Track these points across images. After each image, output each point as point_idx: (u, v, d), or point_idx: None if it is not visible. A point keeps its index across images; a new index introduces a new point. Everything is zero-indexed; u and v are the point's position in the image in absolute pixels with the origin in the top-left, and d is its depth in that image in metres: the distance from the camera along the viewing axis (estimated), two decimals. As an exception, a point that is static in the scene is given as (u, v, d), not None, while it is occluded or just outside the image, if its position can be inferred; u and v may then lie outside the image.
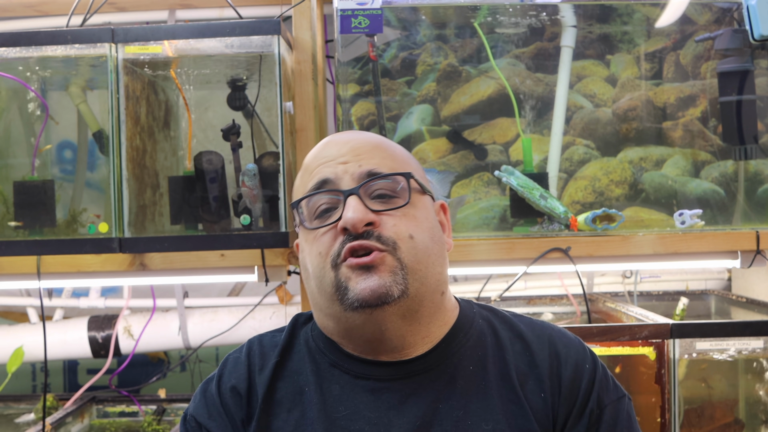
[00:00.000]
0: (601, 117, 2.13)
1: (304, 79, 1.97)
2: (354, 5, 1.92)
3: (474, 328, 1.13)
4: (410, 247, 1.03)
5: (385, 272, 1.01)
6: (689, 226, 1.95)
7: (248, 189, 1.86)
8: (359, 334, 1.06)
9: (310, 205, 1.08)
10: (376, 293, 1.00)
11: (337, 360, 1.10)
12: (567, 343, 1.13)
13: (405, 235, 1.04)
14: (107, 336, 2.40)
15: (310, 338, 1.15)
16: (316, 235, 1.06)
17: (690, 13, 2.11)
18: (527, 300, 2.43)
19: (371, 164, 1.07)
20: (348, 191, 1.05)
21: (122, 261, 1.92)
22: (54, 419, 2.14)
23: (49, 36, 1.85)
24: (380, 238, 1.02)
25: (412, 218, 1.06)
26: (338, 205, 1.06)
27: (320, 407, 1.07)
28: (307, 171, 1.12)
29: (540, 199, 1.92)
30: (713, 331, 1.80)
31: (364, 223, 1.02)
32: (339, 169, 1.07)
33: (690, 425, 1.86)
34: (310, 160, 1.14)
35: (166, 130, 2.12)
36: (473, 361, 1.09)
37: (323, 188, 1.07)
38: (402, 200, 1.06)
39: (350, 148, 1.09)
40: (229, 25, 1.83)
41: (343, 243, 1.03)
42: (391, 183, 1.07)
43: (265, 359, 1.14)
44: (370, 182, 1.06)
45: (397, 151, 1.13)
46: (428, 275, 1.05)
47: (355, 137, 1.13)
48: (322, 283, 1.05)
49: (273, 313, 2.40)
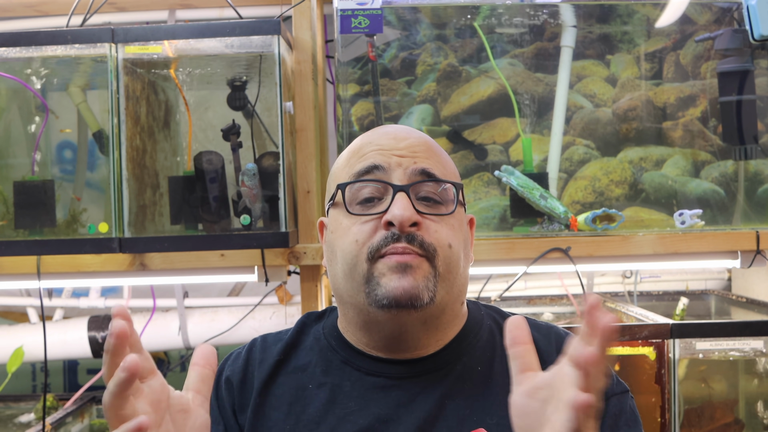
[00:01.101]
0: (601, 117, 2.13)
1: (304, 79, 1.97)
2: (354, 5, 1.92)
3: (483, 330, 1.14)
4: (447, 256, 1.04)
5: (419, 276, 1.01)
6: (689, 226, 1.95)
7: (248, 189, 1.86)
8: (377, 330, 1.07)
9: (354, 190, 1.07)
10: (408, 293, 1.00)
11: (349, 357, 1.11)
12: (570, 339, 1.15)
13: (444, 243, 1.04)
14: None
15: (321, 336, 1.15)
16: (356, 221, 1.05)
17: (690, 13, 2.11)
18: (527, 300, 2.43)
19: (426, 164, 1.07)
20: (399, 186, 1.04)
21: (122, 261, 1.92)
22: (54, 419, 2.14)
23: (49, 36, 1.85)
24: (423, 244, 1.02)
25: (452, 228, 1.06)
26: (384, 196, 1.05)
27: (327, 403, 1.07)
28: (357, 153, 1.10)
29: (540, 199, 1.92)
30: (713, 331, 1.80)
31: (410, 222, 1.02)
32: (393, 161, 1.06)
33: (690, 425, 1.86)
34: (362, 144, 1.11)
35: (166, 130, 2.12)
36: (482, 362, 1.10)
37: (373, 174, 1.06)
38: (446, 208, 1.07)
39: (408, 144, 1.09)
40: (229, 25, 1.83)
41: (385, 238, 1.02)
42: (442, 188, 1.07)
43: (266, 353, 1.14)
44: (422, 183, 1.06)
45: (448, 159, 1.14)
46: (455, 285, 1.07)
47: (413, 134, 1.12)
48: (354, 272, 1.04)
49: (273, 313, 2.40)
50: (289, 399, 1.10)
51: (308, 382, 1.10)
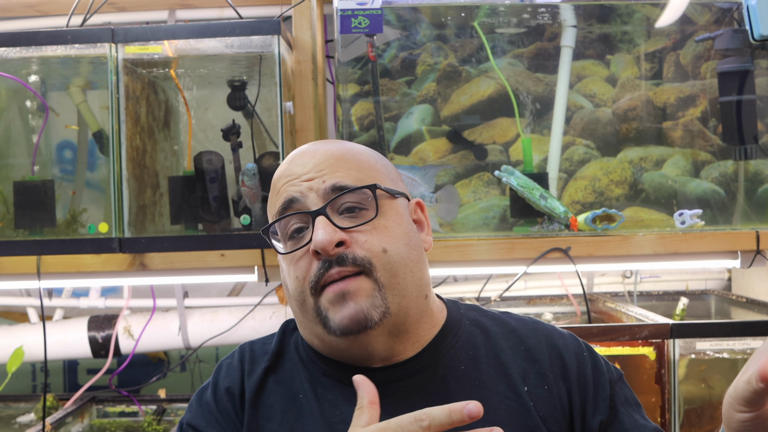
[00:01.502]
0: (601, 117, 2.13)
1: (304, 79, 1.97)
2: (354, 5, 1.92)
3: (462, 329, 1.13)
4: (385, 262, 1.02)
5: (361, 297, 1.00)
6: (689, 226, 1.95)
7: (248, 188, 1.86)
8: (346, 354, 1.07)
9: (282, 227, 1.07)
10: (355, 320, 1.00)
11: (329, 369, 1.10)
12: (562, 334, 1.15)
13: (378, 250, 1.02)
14: (107, 336, 2.40)
15: (300, 347, 1.14)
16: (293, 257, 1.05)
17: (690, 13, 2.11)
18: (527, 300, 2.43)
19: (335, 178, 1.05)
20: (315, 212, 1.03)
21: (122, 261, 1.92)
22: (54, 419, 2.14)
23: (49, 36, 1.85)
24: (355, 260, 1.00)
25: (383, 230, 1.04)
26: (309, 224, 1.04)
27: (318, 412, 1.07)
28: (275, 190, 1.10)
29: (540, 199, 1.92)
30: (713, 331, 1.80)
31: (333, 244, 1.00)
32: (304, 187, 1.05)
33: (690, 425, 1.86)
34: (276, 178, 1.11)
35: (166, 130, 2.12)
36: (464, 361, 1.09)
37: (290, 209, 1.05)
38: (371, 212, 1.04)
39: (314, 164, 1.07)
40: (229, 25, 1.83)
41: (319, 269, 1.01)
42: (358, 195, 1.04)
43: (254, 364, 1.14)
44: (336, 199, 1.04)
45: (363, 159, 1.10)
46: (408, 285, 1.04)
47: (318, 150, 1.09)
48: (304, 307, 1.04)
49: (273, 313, 2.39)
50: (282, 408, 1.09)
51: (297, 392, 1.10)
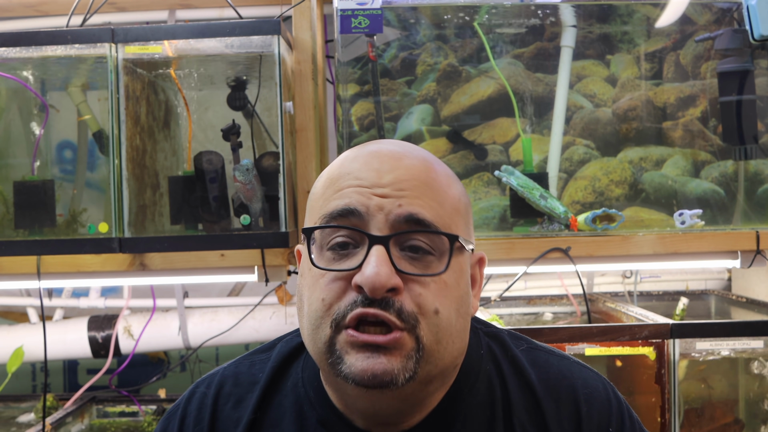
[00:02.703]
0: (601, 117, 2.13)
1: (304, 79, 1.97)
2: (354, 5, 1.92)
3: (481, 381, 0.96)
4: (433, 324, 0.85)
5: (396, 357, 0.83)
6: (689, 226, 1.95)
7: (241, 184, 1.85)
8: (350, 401, 0.92)
9: (326, 233, 0.88)
10: (378, 379, 0.83)
11: (327, 418, 0.94)
12: (588, 396, 0.98)
13: (430, 310, 0.85)
14: (107, 336, 2.40)
15: (300, 382, 0.99)
16: (326, 274, 0.87)
17: (690, 13, 2.11)
18: (527, 300, 2.43)
19: (414, 207, 0.86)
20: (376, 238, 0.85)
21: (122, 261, 1.92)
22: (54, 419, 2.14)
23: (49, 36, 1.85)
24: (401, 313, 0.83)
25: (442, 287, 0.87)
26: (359, 245, 0.87)
27: None
28: (332, 184, 0.91)
29: (540, 199, 1.92)
30: (713, 331, 1.80)
31: (385, 288, 0.83)
32: (373, 203, 0.86)
33: (690, 425, 1.86)
34: (339, 173, 0.91)
35: (166, 130, 2.12)
36: (477, 424, 0.94)
37: (348, 219, 0.87)
38: (437, 265, 0.87)
39: (394, 179, 0.88)
40: (229, 25, 1.83)
41: (353, 304, 0.84)
42: (433, 239, 0.87)
43: (239, 408, 0.99)
44: (407, 234, 0.86)
45: (449, 194, 0.91)
46: (445, 356, 0.88)
47: (402, 162, 0.90)
48: (316, 334, 0.87)
49: (273, 313, 2.40)
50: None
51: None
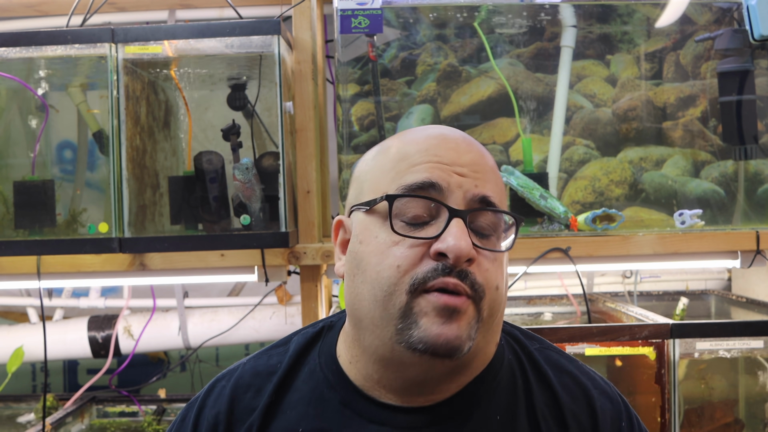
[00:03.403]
0: (601, 117, 2.13)
1: (304, 79, 1.97)
2: (354, 5, 1.92)
3: (504, 369, 1.00)
4: (492, 299, 0.91)
5: (464, 323, 0.88)
6: (689, 226, 1.95)
7: (240, 183, 1.85)
8: (397, 370, 0.93)
9: (401, 204, 0.91)
10: (450, 345, 0.87)
11: (350, 399, 0.96)
12: (600, 396, 1.02)
13: (493, 285, 0.91)
14: (107, 336, 2.40)
15: (317, 366, 1.01)
16: (399, 241, 0.89)
17: (690, 13, 2.11)
18: (527, 300, 2.43)
19: (488, 190, 0.92)
20: (457, 211, 0.89)
21: (122, 261, 1.92)
22: (54, 419, 2.14)
23: (49, 36, 1.85)
24: (474, 284, 0.89)
25: (500, 266, 0.93)
26: (435, 219, 0.90)
27: None
28: (407, 159, 0.93)
29: (540, 199, 1.92)
30: (713, 331, 1.80)
31: (468, 257, 0.88)
32: (453, 180, 0.91)
33: (690, 425, 1.86)
34: (415, 149, 0.94)
35: (166, 130, 2.12)
36: (501, 409, 0.97)
37: (428, 192, 0.90)
38: (497, 243, 0.93)
39: (470, 160, 0.93)
40: (229, 25, 1.83)
41: (435, 271, 0.88)
42: (497, 220, 0.93)
43: (258, 397, 1.00)
44: (481, 211, 0.91)
45: (502, 182, 0.99)
46: (494, 331, 0.95)
47: (473, 147, 0.96)
48: (388, 301, 0.89)
49: (273, 313, 2.40)
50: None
51: (297, 424, 0.96)
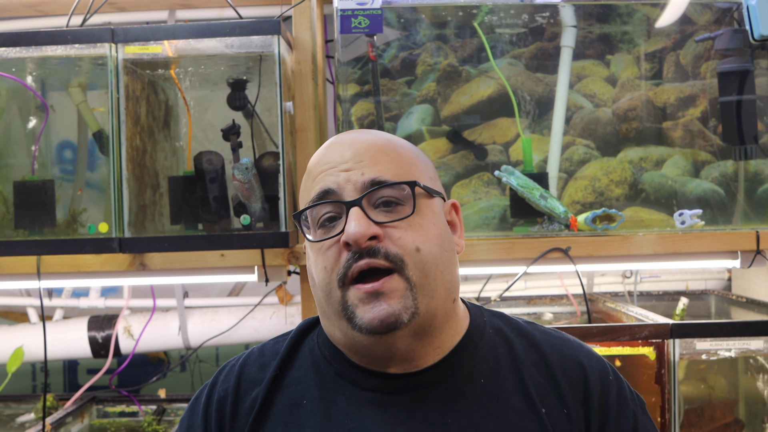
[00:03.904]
0: (601, 117, 2.13)
1: (304, 79, 1.97)
2: (354, 5, 1.92)
3: (485, 339, 1.09)
4: (417, 261, 0.99)
5: (394, 298, 0.98)
6: (689, 226, 1.95)
7: (239, 183, 1.85)
8: (367, 352, 1.04)
9: (314, 214, 1.04)
10: (385, 323, 0.97)
11: (344, 370, 1.07)
12: (587, 353, 1.10)
13: (411, 248, 0.99)
14: (107, 336, 2.40)
15: (315, 346, 1.12)
16: (321, 246, 1.02)
17: (690, 13, 2.11)
18: (527, 300, 2.43)
19: (374, 171, 1.02)
20: (350, 202, 1.00)
21: (122, 261, 1.92)
22: (54, 419, 2.14)
23: (49, 36, 1.85)
24: (387, 255, 0.98)
25: (417, 228, 1.01)
26: (342, 214, 1.02)
27: (323, 421, 1.04)
28: (311, 177, 1.07)
29: (540, 199, 1.92)
30: (713, 331, 1.80)
31: (366, 237, 0.98)
32: (341, 178, 1.03)
33: (690, 425, 1.86)
34: (313, 164, 1.08)
35: (166, 130, 2.12)
36: (484, 374, 1.05)
37: (325, 199, 1.03)
38: (408, 209, 1.02)
39: (353, 153, 1.04)
40: (229, 25, 1.83)
41: (348, 260, 0.99)
42: (397, 190, 1.02)
43: (264, 371, 1.11)
44: (373, 192, 1.01)
45: (403, 153, 1.08)
46: (438, 287, 1.02)
47: (359, 139, 1.07)
48: (330, 299, 1.02)
49: (273, 313, 2.39)
50: (284, 419, 1.06)
51: (302, 397, 1.07)
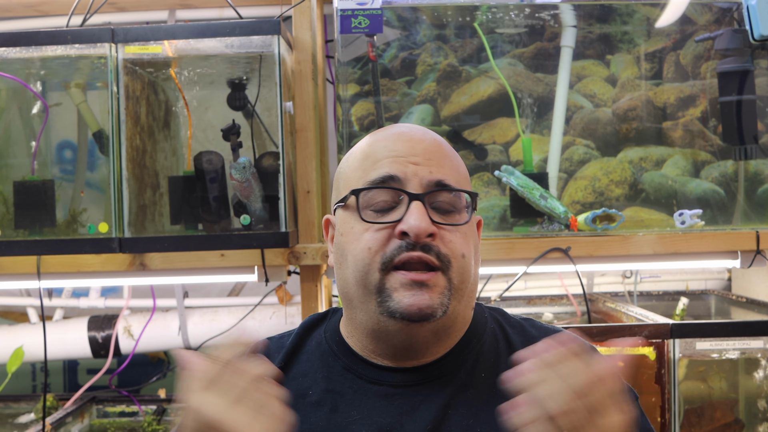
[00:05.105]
0: (601, 117, 2.13)
1: (304, 79, 1.97)
2: (354, 5, 1.92)
3: (487, 334, 1.13)
4: (460, 266, 1.04)
5: (435, 293, 1.01)
6: (689, 226, 1.95)
7: (237, 182, 1.85)
8: (386, 338, 1.06)
9: (368, 196, 1.05)
10: (423, 312, 1.01)
11: (351, 364, 1.10)
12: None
13: (458, 253, 1.04)
14: (107, 336, 2.40)
15: (323, 340, 1.15)
16: (369, 228, 1.04)
17: (690, 13, 2.11)
18: (527, 300, 2.43)
19: (441, 174, 1.06)
20: (415, 195, 1.03)
21: (122, 261, 1.92)
22: (54, 419, 2.14)
23: (49, 36, 1.85)
24: (439, 255, 1.02)
25: (464, 237, 1.06)
26: (399, 204, 1.04)
27: (329, 412, 1.07)
28: (371, 157, 1.08)
29: (540, 199, 1.92)
30: (713, 331, 1.80)
31: (427, 233, 1.01)
32: (409, 170, 1.05)
33: (690, 425, 1.86)
34: (376, 147, 1.09)
35: (166, 130, 2.12)
36: (485, 368, 1.09)
37: (389, 184, 1.04)
38: (461, 218, 1.06)
39: (423, 149, 1.07)
40: (229, 25, 1.83)
41: (399, 248, 1.01)
42: (455, 198, 1.06)
43: None
44: (436, 192, 1.05)
45: (461, 164, 1.13)
46: (467, 294, 1.07)
47: (428, 138, 1.10)
48: (365, 279, 1.03)
49: (273, 313, 2.39)
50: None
51: (308, 389, 1.10)
